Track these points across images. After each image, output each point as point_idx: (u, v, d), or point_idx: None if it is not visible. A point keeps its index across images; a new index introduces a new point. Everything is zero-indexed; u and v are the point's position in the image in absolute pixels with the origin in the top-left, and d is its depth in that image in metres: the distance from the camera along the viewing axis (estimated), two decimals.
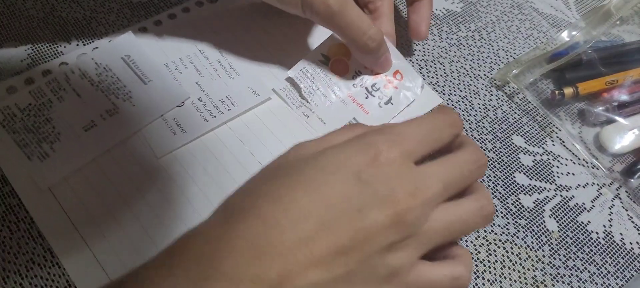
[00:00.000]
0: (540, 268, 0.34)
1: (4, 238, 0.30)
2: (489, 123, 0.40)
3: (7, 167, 0.32)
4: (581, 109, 0.42)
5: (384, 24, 0.39)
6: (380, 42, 0.36)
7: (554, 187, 0.38)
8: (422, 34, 0.40)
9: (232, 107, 0.36)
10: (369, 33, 0.35)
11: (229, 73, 0.38)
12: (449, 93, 0.41)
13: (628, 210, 0.37)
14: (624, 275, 0.34)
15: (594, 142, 0.40)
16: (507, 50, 0.45)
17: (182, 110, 0.36)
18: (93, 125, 0.34)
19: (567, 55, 0.41)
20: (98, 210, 0.31)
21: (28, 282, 0.29)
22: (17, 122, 0.34)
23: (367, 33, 0.35)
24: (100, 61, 0.37)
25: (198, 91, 0.37)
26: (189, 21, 0.41)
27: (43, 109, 0.34)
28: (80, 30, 0.40)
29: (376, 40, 0.35)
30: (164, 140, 0.34)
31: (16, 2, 0.40)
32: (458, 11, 0.47)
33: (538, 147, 0.39)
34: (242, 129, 0.36)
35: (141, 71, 0.37)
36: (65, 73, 0.36)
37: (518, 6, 0.48)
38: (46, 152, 0.33)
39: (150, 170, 0.33)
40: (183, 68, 0.38)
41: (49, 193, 0.31)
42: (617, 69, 0.42)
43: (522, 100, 0.42)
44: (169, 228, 0.31)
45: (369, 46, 0.35)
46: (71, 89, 0.35)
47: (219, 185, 0.33)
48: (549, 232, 0.35)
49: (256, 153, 0.35)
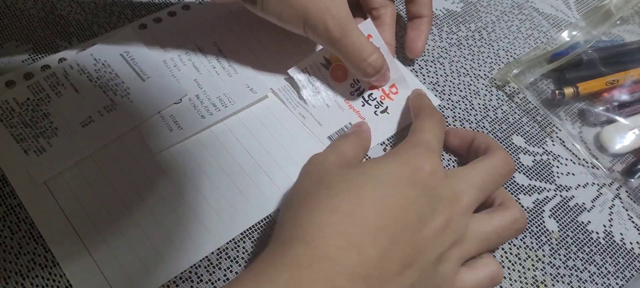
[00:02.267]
0: (540, 268, 0.33)
1: (5, 238, 0.30)
2: (489, 123, 0.40)
3: (4, 161, 0.32)
4: (581, 108, 0.41)
5: (386, 32, 0.39)
6: (379, 69, 0.35)
7: (554, 187, 0.37)
8: (418, 51, 0.41)
9: (230, 105, 0.36)
10: (369, 60, 0.35)
11: (227, 71, 0.38)
12: (449, 93, 0.41)
13: (628, 210, 0.37)
14: (624, 275, 0.34)
15: (594, 142, 0.40)
16: (507, 50, 0.45)
17: (180, 107, 0.36)
18: (90, 121, 0.34)
19: (567, 55, 0.41)
20: (93, 206, 0.31)
21: (29, 282, 0.29)
22: (15, 116, 0.34)
23: (367, 60, 0.35)
24: (99, 57, 0.37)
25: (196, 88, 0.37)
26: (189, 19, 0.41)
27: (41, 103, 0.34)
28: (80, 30, 0.40)
29: (375, 67, 0.35)
30: (160, 136, 0.34)
31: (16, 2, 0.41)
32: (458, 11, 0.47)
33: (538, 147, 0.39)
34: (239, 127, 0.36)
35: (140, 68, 0.37)
36: (64, 68, 0.36)
37: (518, 6, 0.48)
38: (43, 146, 0.33)
39: (146, 167, 0.33)
40: (181, 65, 0.38)
41: (44, 188, 0.31)
42: (618, 69, 0.41)
43: (522, 100, 0.41)
44: (162, 225, 0.31)
45: (367, 72, 0.35)
46: (69, 85, 0.35)
47: (214, 182, 0.33)
48: (549, 232, 0.35)
49: (252, 151, 0.35)
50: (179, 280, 0.30)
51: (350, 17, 0.34)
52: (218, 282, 0.30)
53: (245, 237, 0.32)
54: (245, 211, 0.32)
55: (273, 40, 0.41)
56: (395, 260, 0.25)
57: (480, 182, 0.30)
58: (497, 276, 0.30)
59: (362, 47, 0.34)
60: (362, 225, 0.25)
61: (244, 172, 0.34)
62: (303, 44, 0.40)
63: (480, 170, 0.30)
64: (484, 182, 0.30)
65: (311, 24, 0.33)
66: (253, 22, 0.41)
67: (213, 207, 0.32)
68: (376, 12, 0.40)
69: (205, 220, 0.32)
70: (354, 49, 0.34)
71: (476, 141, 0.35)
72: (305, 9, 0.33)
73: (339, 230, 0.24)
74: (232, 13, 0.42)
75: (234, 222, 0.32)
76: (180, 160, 0.34)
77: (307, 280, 0.22)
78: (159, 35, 0.39)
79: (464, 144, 0.36)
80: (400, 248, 0.25)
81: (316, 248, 0.23)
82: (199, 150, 0.34)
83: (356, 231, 0.24)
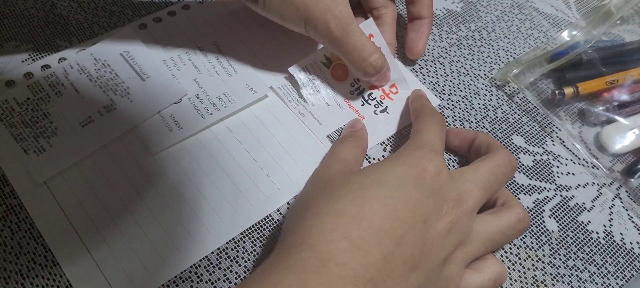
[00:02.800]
0: (540, 268, 0.33)
1: (5, 238, 0.30)
2: (489, 123, 0.40)
3: (4, 161, 0.32)
4: (581, 108, 0.41)
5: (387, 32, 0.39)
6: (379, 68, 0.35)
7: (554, 187, 0.37)
8: (418, 52, 0.41)
9: (229, 104, 0.36)
10: (370, 60, 0.35)
11: (227, 70, 0.38)
12: (449, 93, 0.41)
13: (628, 210, 0.37)
14: (624, 275, 0.34)
15: (594, 142, 0.40)
16: (507, 50, 0.45)
17: (179, 107, 0.36)
18: (90, 121, 0.34)
19: (567, 54, 0.41)
20: (93, 206, 0.31)
21: (29, 282, 0.29)
22: (15, 116, 0.34)
23: (368, 60, 0.35)
24: (99, 57, 0.37)
25: (196, 88, 0.37)
26: (189, 18, 0.41)
27: (41, 103, 0.34)
28: (80, 30, 0.40)
29: (376, 67, 0.35)
30: (160, 136, 0.34)
31: (16, 2, 0.41)
32: (458, 11, 0.47)
33: (538, 147, 0.39)
34: (239, 127, 0.36)
35: (139, 67, 0.37)
36: (64, 68, 0.36)
37: (518, 6, 0.48)
38: (43, 146, 0.33)
39: (146, 167, 0.33)
40: (181, 65, 0.38)
41: (44, 188, 0.31)
42: (618, 69, 0.41)
43: (522, 100, 0.41)
44: (162, 225, 0.31)
45: (368, 72, 0.35)
46: (69, 84, 0.35)
47: (214, 182, 0.33)
48: (549, 232, 0.35)
49: (252, 151, 0.35)
50: (179, 280, 0.30)
51: (351, 17, 0.34)
52: (218, 281, 0.30)
53: (245, 237, 0.32)
54: (245, 211, 0.32)
55: (273, 39, 0.41)
56: (400, 262, 0.24)
57: (485, 182, 0.30)
58: (502, 277, 0.30)
59: (363, 47, 0.34)
60: (366, 227, 0.24)
61: (244, 172, 0.34)
62: (303, 43, 0.40)
63: (483, 170, 0.30)
64: (488, 181, 0.30)
65: (312, 23, 0.33)
66: (253, 22, 0.41)
67: (213, 207, 0.32)
68: (377, 12, 0.40)
69: (205, 220, 0.32)
70: (355, 49, 0.34)
71: (477, 141, 0.35)
72: (307, 8, 0.33)
73: (343, 233, 0.24)
74: (232, 13, 0.42)
75: (234, 222, 0.32)
76: (181, 160, 0.34)
77: (312, 284, 0.22)
78: (159, 35, 0.39)
79: (465, 144, 0.36)
80: (405, 250, 0.25)
81: (320, 252, 0.23)
82: (199, 150, 0.34)
83: (361, 233, 0.24)
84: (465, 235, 0.28)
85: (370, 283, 0.23)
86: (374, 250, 0.24)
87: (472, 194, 0.29)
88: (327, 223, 0.25)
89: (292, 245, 0.24)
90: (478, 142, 0.35)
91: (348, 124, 0.36)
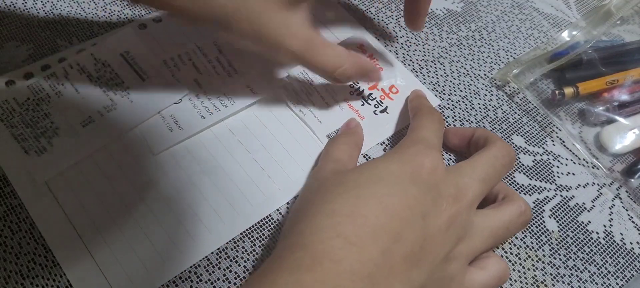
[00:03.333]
0: (540, 268, 0.33)
1: (5, 238, 0.30)
2: (489, 123, 0.40)
3: (5, 161, 0.32)
4: (581, 108, 0.41)
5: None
6: (350, 77, 0.34)
7: (554, 187, 0.37)
8: (418, 24, 0.39)
9: (230, 105, 0.36)
10: (336, 73, 0.33)
11: (227, 71, 0.38)
12: (449, 93, 0.41)
13: (628, 210, 0.37)
14: (624, 275, 0.34)
15: (594, 142, 0.40)
16: (507, 50, 0.45)
17: (180, 107, 0.36)
18: (91, 121, 0.34)
19: (567, 55, 0.41)
20: (93, 206, 0.31)
21: (29, 282, 0.29)
22: (15, 116, 0.34)
23: (335, 73, 0.33)
24: (99, 57, 0.37)
25: (196, 88, 0.37)
26: None
27: (41, 103, 0.34)
28: (80, 30, 0.40)
29: (345, 75, 0.34)
30: (160, 136, 0.34)
31: (16, 2, 0.41)
32: (458, 11, 0.47)
33: (538, 147, 0.39)
34: (239, 126, 0.36)
35: (140, 67, 0.37)
36: (64, 68, 0.36)
37: (518, 6, 0.48)
38: (44, 146, 0.33)
39: (146, 167, 0.33)
40: (181, 65, 0.38)
41: (45, 188, 0.31)
42: (618, 69, 0.41)
43: (522, 100, 0.41)
44: (162, 225, 0.31)
45: (339, 81, 0.34)
46: (70, 85, 0.35)
47: (214, 182, 0.33)
48: (549, 232, 0.35)
49: (252, 151, 0.35)
50: (179, 280, 0.30)
51: (312, 34, 0.32)
52: (218, 281, 0.30)
53: (245, 237, 0.32)
54: (245, 211, 0.32)
55: None
56: (400, 258, 0.24)
57: (483, 174, 0.29)
58: (505, 275, 0.29)
59: (327, 60, 0.33)
60: (362, 224, 0.24)
61: (244, 172, 0.34)
62: None
63: (481, 162, 0.30)
64: (487, 174, 0.29)
65: (275, 48, 0.31)
66: None
67: (213, 207, 0.32)
68: None
69: (205, 220, 0.32)
70: (318, 64, 0.33)
71: (475, 135, 0.35)
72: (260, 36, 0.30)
73: (337, 231, 0.24)
74: None
75: (234, 222, 0.32)
76: (181, 160, 0.34)
77: (308, 281, 0.22)
78: (159, 35, 0.39)
79: (464, 141, 0.36)
80: (404, 247, 0.24)
81: (315, 251, 0.23)
82: (200, 150, 0.34)
83: (356, 231, 0.24)
84: (466, 230, 0.28)
85: (368, 279, 0.23)
86: (370, 246, 0.24)
87: (471, 188, 0.28)
88: (321, 223, 0.25)
89: (287, 248, 0.24)
90: (476, 136, 0.34)
91: (343, 124, 0.36)
